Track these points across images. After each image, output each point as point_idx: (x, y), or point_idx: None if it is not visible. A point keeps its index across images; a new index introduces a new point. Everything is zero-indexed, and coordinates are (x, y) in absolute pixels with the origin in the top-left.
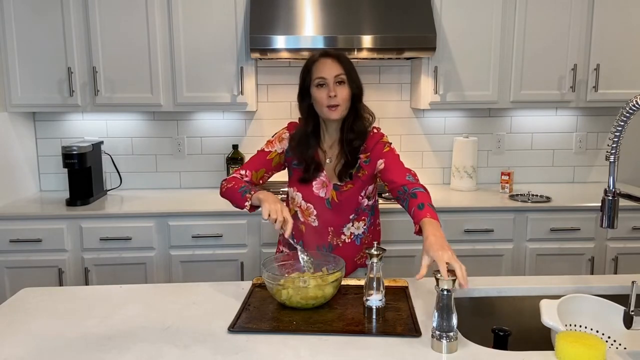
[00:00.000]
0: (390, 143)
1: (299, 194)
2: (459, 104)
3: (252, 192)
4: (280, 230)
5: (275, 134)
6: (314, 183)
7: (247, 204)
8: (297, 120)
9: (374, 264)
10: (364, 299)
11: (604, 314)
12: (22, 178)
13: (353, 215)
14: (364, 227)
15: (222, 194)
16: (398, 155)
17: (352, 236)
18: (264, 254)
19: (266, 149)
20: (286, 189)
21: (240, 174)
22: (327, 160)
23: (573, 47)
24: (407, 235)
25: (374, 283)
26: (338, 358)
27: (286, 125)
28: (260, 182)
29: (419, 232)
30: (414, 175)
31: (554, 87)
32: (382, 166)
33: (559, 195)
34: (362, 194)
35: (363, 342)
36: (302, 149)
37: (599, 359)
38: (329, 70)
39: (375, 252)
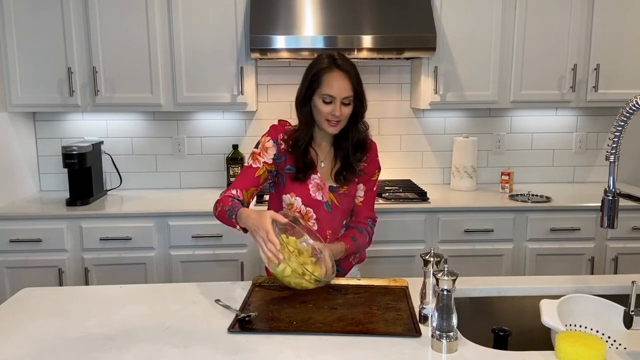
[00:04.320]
0: (379, 169)
1: (298, 199)
2: (459, 104)
3: (235, 214)
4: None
5: (259, 143)
6: (309, 187)
7: (238, 227)
8: (278, 123)
9: (431, 272)
10: (420, 307)
11: (604, 314)
12: (22, 178)
13: (346, 220)
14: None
15: (217, 217)
16: (376, 190)
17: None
18: None
19: (254, 165)
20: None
21: (232, 194)
22: (321, 164)
23: (573, 47)
24: (407, 235)
25: (431, 291)
26: (338, 358)
27: (267, 131)
28: (251, 200)
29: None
30: (374, 220)
31: (554, 87)
32: (359, 198)
33: (559, 195)
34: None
35: (363, 342)
36: (298, 152)
37: (599, 359)
38: (339, 89)
39: (432, 259)
